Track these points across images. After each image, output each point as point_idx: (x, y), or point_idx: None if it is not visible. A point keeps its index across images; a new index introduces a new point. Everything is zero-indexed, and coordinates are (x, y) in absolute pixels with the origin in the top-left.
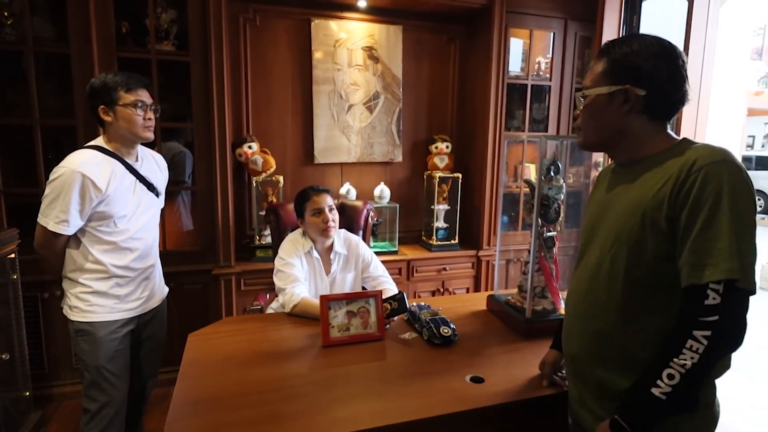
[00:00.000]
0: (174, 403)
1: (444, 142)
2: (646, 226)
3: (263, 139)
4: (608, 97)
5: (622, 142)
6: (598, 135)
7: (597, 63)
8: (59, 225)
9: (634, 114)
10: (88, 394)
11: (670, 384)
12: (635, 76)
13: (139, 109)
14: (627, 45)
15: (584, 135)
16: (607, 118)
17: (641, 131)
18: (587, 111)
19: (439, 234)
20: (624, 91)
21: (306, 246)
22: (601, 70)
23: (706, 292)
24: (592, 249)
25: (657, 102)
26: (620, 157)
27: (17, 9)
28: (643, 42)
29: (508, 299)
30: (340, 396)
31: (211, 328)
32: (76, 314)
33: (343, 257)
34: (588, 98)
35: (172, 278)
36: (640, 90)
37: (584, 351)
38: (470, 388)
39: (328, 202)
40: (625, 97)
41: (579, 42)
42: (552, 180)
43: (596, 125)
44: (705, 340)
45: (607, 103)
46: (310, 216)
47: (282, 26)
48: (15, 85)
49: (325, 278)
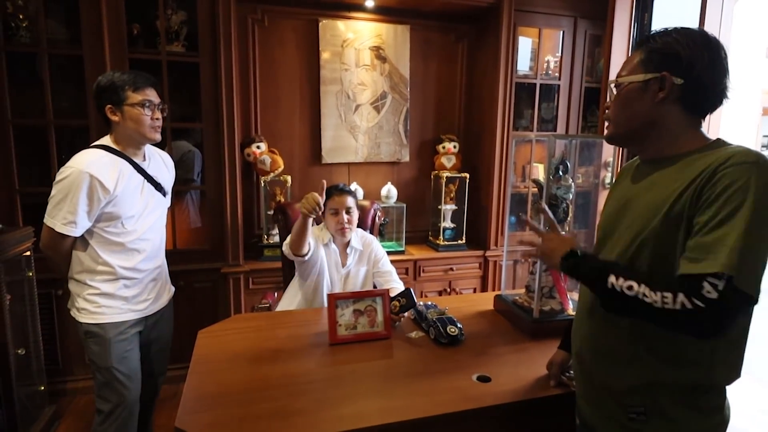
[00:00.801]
0: (184, 398)
1: (451, 142)
2: (671, 225)
3: (271, 139)
4: (643, 85)
5: (652, 135)
6: (629, 126)
7: (634, 54)
8: (66, 226)
9: (669, 104)
10: (100, 395)
11: (622, 287)
12: (673, 64)
13: (147, 109)
14: (667, 34)
15: (614, 126)
16: (640, 107)
17: (675, 125)
18: (620, 101)
19: (446, 234)
20: (660, 78)
21: (325, 238)
22: (638, 59)
23: (702, 284)
24: (609, 246)
25: (694, 93)
26: (648, 152)
27: (32, 12)
28: (684, 31)
29: (516, 299)
30: (347, 393)
31: (220, 325)
32: (84, 316)
33: (359, 252)
34: (621, 87)
35: (181, 276)
36: (677, 78)
37: (591, 349)
38: (477, 387)
39: (347, 203)
40: (661, 84)
41: (589, 40)
42: (560, 179)
43: (628, 115)
44: (678, 306)
45: (642, 92)
46: (329, 214)
47: (290, 27)
48: (30, 86)
49: (341, 270)
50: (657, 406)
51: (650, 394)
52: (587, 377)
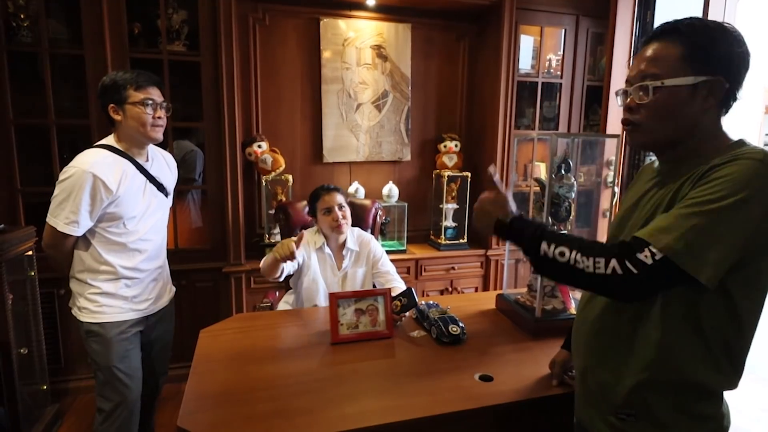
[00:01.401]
0: (186, 397)
1: (453, 141)
2: None
3: (272, 138)
4: (691, 89)
5: (690, 140)
6: (672, 133)
7: (665, 46)
8: (69, 226)
9: (714, 109)
10: (101, 394)
11: (554, 253)
12: (725, 66)
13: (149, 108)
14: (708, 28)
15: (651, 132)
16: (686, 113)
17: (712, 128)
18: (659, 105)
19: (448, 233)
20: (712, 82)
21: (318, 242)
22: (678, 55)
23: (643, 248)
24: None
25: (732, 95)
26: (675, 155)
27: (33, 11)
28: (718, 25)
29: (518, 298)
30: (349, 392)
31: (221, 324)
32: (85, 315)
33: (355, 253)
34: (664, 89)
35: (183, 276)
36: (726, 82)
37: (586, 345)
38: (479, 387)
39: (338, 200)
40: (710, 89)
41: (591, 38)
42: (563, 178)
43: (671, 122)
44: (609, 271)
45: (689, 97)
46: (321, 215)
47: (291, 25)
48: (31, 86)
49: (338, 273)
50: (647, 408)
51: (641, 394)
52: (584, 376)
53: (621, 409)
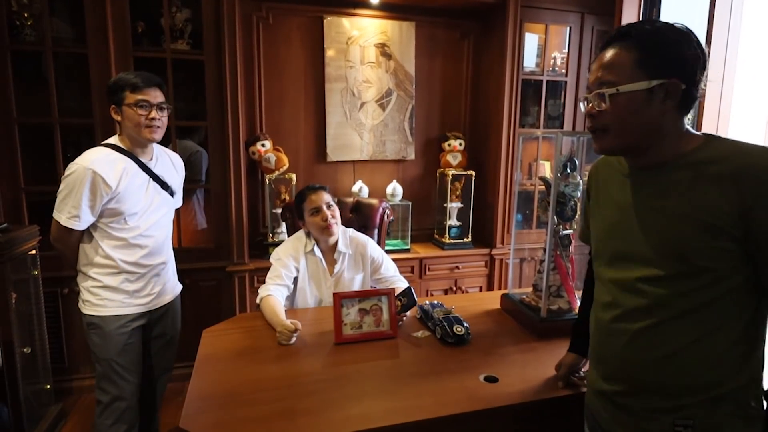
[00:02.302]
0: (189, 398)
1: (457, 140)
2: (706, 233)
3: (276, 137)
4: (647, 93)
5: (654, 143)
6: (634, 138)
7: (618, 51)
8: (71, 220)
9: (672, 109)
10: (100, 386)
11: None
12: (679, 68)
13: (142, 109)
14: (659, 30)
15: (614, 138)
16: (646, 117)
17: (674, 129)
18: (619, 110)
19: (452, 232)
20: (667, 84)
21: (308, 246)
22: (631, 60)
23: None
24: (629, 263)
25: (690, 95)
26: (647, 160)
27: (36, 10)
28: (670, 27)
29: (523, 298)
30: (352, 393)
31: (224, 324)
32: (87, 308)
33: (348, 257)
34: (620, 95)
35: (187, 275)
36: (682, 84)
37: (635, 372)
38: (484, 388)
39: (326, 199)
40: (667, 92)
41: (596, 36)
42: (568, 177)
43: (633, 127)
44: None
45: (647, 101)
46: (309, 216)
47: (294, 24)
48: (35, 85)
49: (330, 278)
50: (711, 419)
51: (707, 404)
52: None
53: (679, 419)
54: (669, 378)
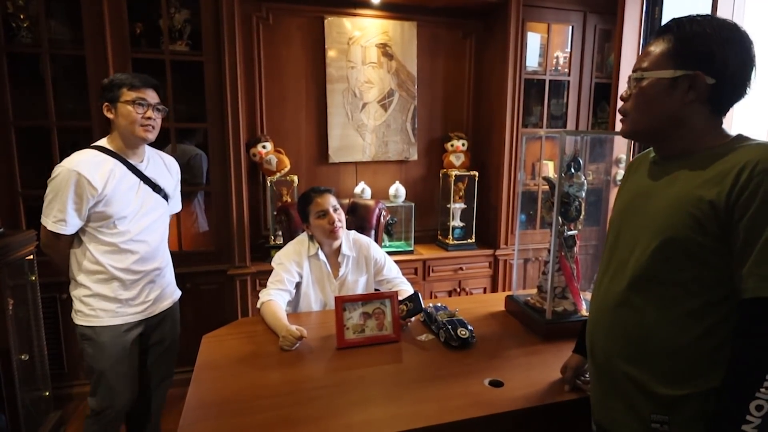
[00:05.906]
0: (187, 406)
1: (460, 140)
2: (692, 225)
3: (277, 138)
4: (671, 82)
5: (675, 134)
6: (651, 124)
7: (658, 42)
8: (57, 224)
9: (697, 104)
10: (93, 394)
11: (759, 416)
12: (706, 62)
13: (139, 107)
14: (698, 25)
15: (633, 122)
16: (666, 106)
17: (700, 124)
18: (642, 96)
19: (456, 233)
20: (692, 77)
21: (312, 249)
22: (664, 50)
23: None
24: (625, 244)
25: (723, 93)
26: (668, 150)
27: (33, 12)
28: (717, 24)
29: (527, 300)
30: (355, 400)
31: (225, 329)
32: (80, 318)
33: (352, 259)
34: (645, 81)
35: (187, 279)
36: (709, 78)
37: (611, 347)
38: (489, 393)
39: (332, 202)
40: (691, 84)
41: (599, 35)
42: (572, 177)
43: (651, 113)
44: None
45: (669, 90)
46: (314, 219)
47: (295, 24)
48: (32, 87)
49: (334, 282)
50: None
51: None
52: (605, 377)
53: (655, 415)
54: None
